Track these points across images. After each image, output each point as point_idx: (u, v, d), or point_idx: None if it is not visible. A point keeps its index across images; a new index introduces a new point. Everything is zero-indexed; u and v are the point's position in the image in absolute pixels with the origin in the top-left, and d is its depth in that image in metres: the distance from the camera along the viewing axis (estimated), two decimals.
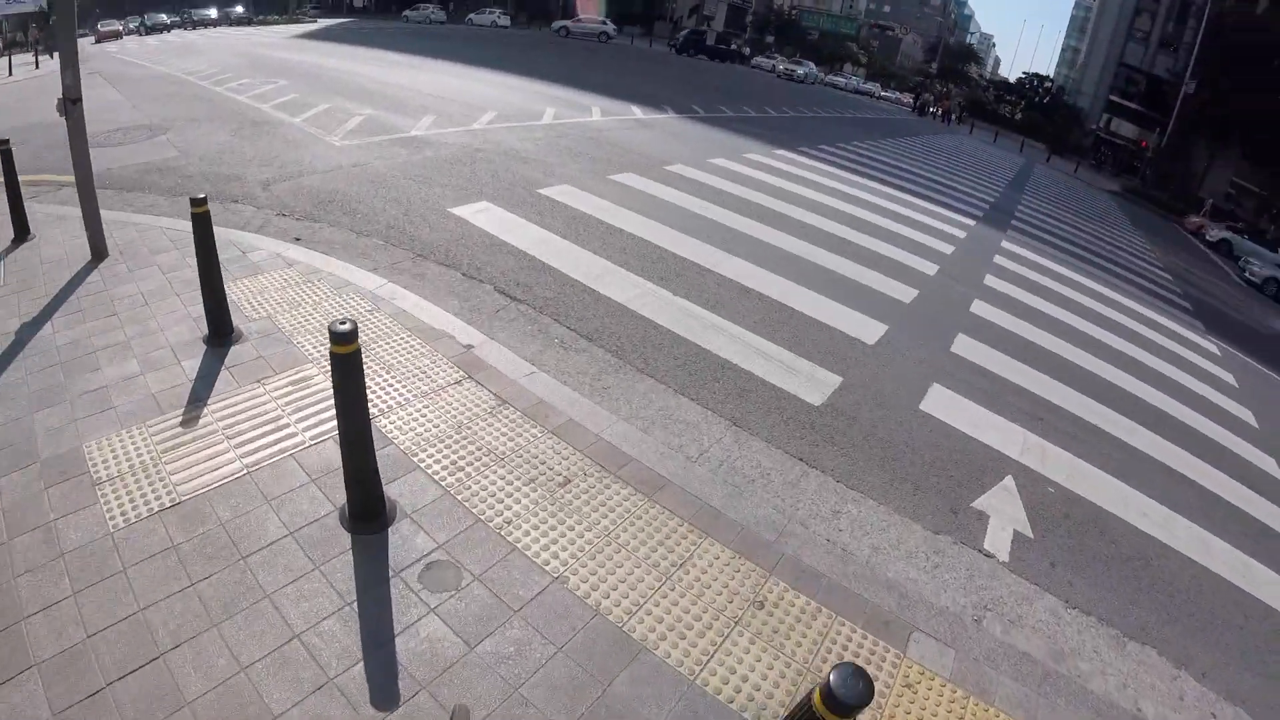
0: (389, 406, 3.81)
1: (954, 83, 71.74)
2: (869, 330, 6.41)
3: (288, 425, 3.55)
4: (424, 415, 3.78)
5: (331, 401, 3.76)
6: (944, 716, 2.71)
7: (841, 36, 72.36)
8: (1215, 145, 37.44)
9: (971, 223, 13.20)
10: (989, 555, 3.95)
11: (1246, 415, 7.81)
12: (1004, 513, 4.35)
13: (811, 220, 9.59)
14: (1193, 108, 37.74)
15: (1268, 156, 34.35)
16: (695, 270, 6.76)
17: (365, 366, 4.15)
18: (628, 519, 3.23)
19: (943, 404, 5.42)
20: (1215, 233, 27.47)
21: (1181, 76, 39.18)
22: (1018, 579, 3.87)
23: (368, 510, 2.93)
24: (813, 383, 5.16)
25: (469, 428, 3.72)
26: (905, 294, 7.77)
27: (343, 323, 2.29)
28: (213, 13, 35.00)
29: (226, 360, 4.11)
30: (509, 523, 3.09)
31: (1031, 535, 4.25)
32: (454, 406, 3.91)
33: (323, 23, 32.28)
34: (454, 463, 3.43)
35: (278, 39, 23.25)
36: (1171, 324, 10.98)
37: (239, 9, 37.04)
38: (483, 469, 3.41)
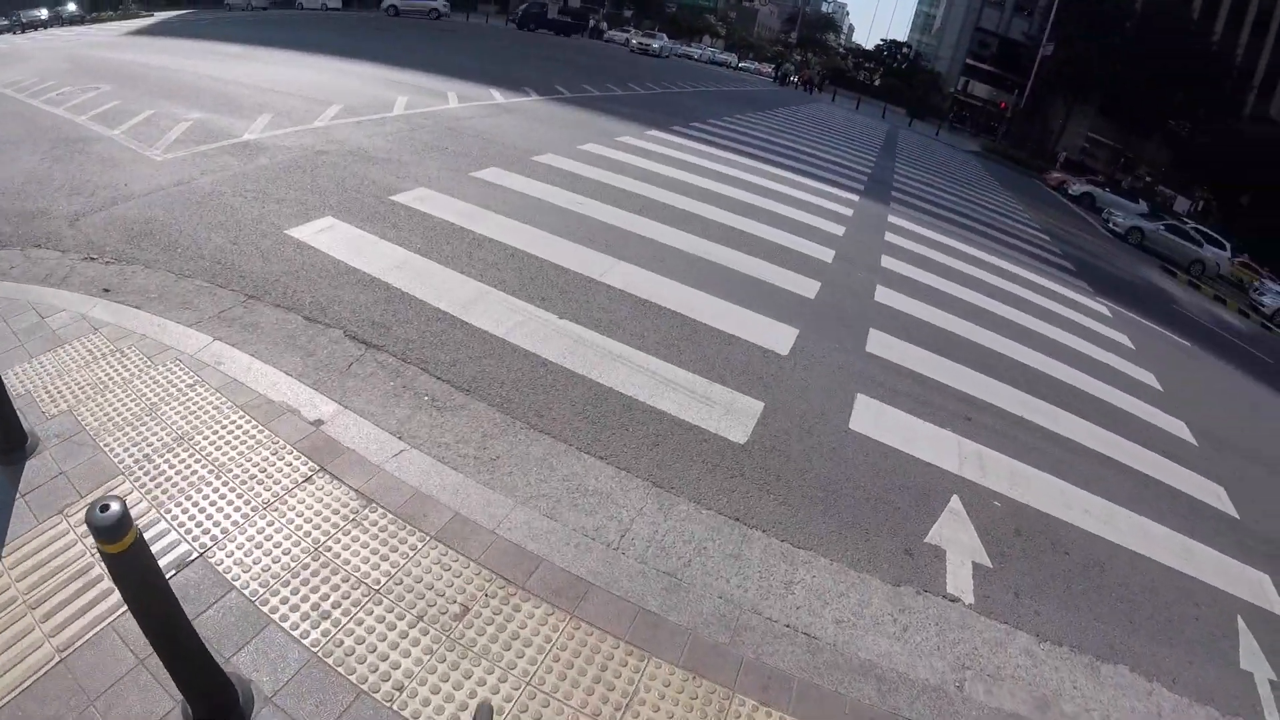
0: (224, 531, 3.07)
1: (813, 51, 75.19)
2: (780, 338, 6.20)
3: (101, 579, 2.76)
4: (270, 537, 3.07)
5: (159, 527, 3.02)
6: None
7: (700, 9, 74.10)
8: (1072, 102, 41.39)
9: (855, 198, 13.55)
10: (954, 600, 3.78)
11: (1149, 378, 8.34)
12: (958, 543, 4.22)
13: (697, 209, 9.34)
14: (1050, 69, 41.45)
15: (1122, 112, 38.49)
16: (581, 283, 6.25)
17: (186, 470, 3.38)
18: (550, 652, 2.73)
19: (872, 418, 5.27)
20: (1077, 187, 30.30)
21: (1037, 39, 43.01)
22: (988, 621, 3.73)
23: (214, 711, 2.26)
24: (733, 414, 4.84)
25: (330, 549, 3.06)
26: (808, 288, 7.67)
27: (103, 507, 1.60)
28: (43, 13, 30.93)
29: (20, 484, 3.19)
30: (400, 689, 2.50)
31: (990, 564, 4.14)
32: (308, 516, 3.22)
33: (159, 16, 29.31)
34: (316, 605, 2.78)
35: (109, 38, 20.48)
36: (1062, 289, 11.73)
37: (71, 6, 32.78)
38: (355, 609, 2.78)
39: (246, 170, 7.57)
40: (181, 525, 3.05)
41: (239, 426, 3.71)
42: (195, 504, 3.18)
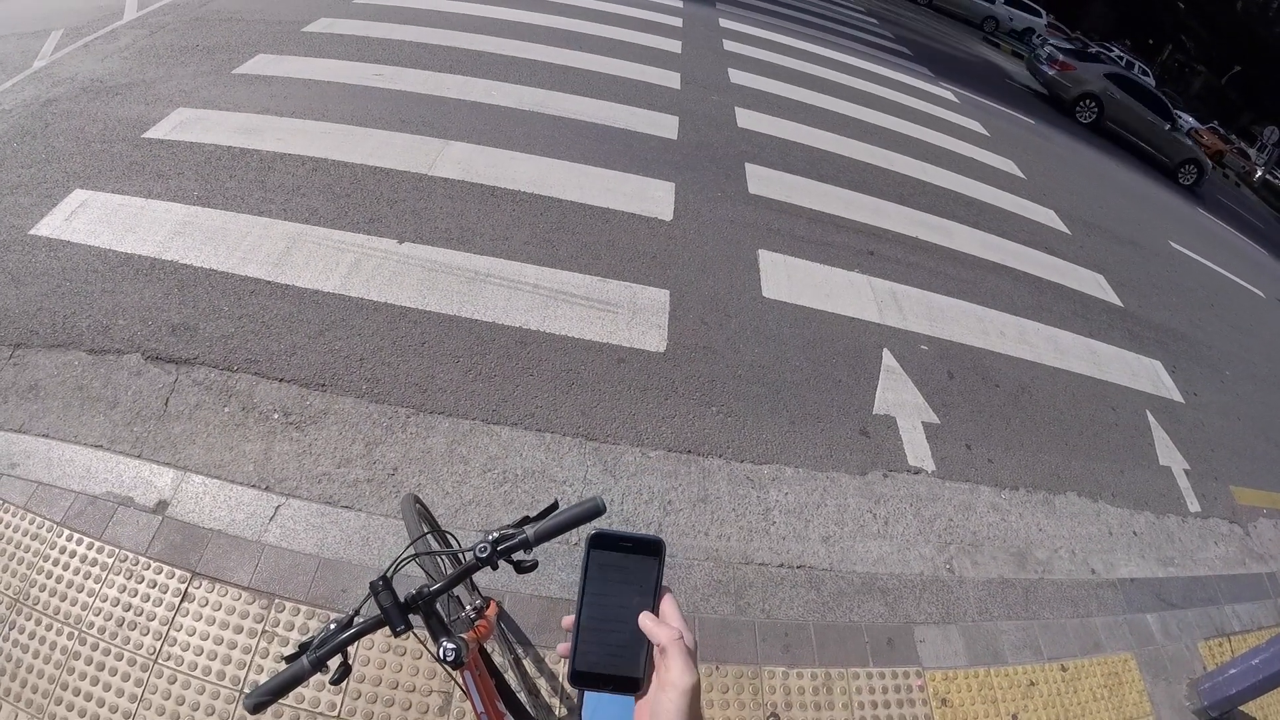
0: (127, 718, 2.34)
1: None
2: (659, 199, 5.78)
3: None
4: (182, 700, 2.36)
5: None
6: (985, 711, 2.73)
7: None
8: None
9: (678, 3, 12.70)
10: (918, 471, 3.91)
11: (1011, 167, 8.82)
12: (905, 405, 4.31)
13: (518, 50, 8.26)
14: None
15: None
16: (410, 185, 5.29)
17: (41, 646, 2.48)
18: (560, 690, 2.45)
19: (783, 278, 5.14)
20: None
21: None
22: (953, 485, 3.92)
23: None
24: (640, 315, 4.49)
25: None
26: (668, 127, 7.17)
27: None
28: None
29: None
30: None
31: (938, 420, 4.29)
32: (210, 652, 2.49)
33: None
34: None
35: None
36: (908, 79, 11.98)
37: None
38: None
39: None
40: None
41: (73, 554, 2.74)
42: (76, 692, 2.39)
